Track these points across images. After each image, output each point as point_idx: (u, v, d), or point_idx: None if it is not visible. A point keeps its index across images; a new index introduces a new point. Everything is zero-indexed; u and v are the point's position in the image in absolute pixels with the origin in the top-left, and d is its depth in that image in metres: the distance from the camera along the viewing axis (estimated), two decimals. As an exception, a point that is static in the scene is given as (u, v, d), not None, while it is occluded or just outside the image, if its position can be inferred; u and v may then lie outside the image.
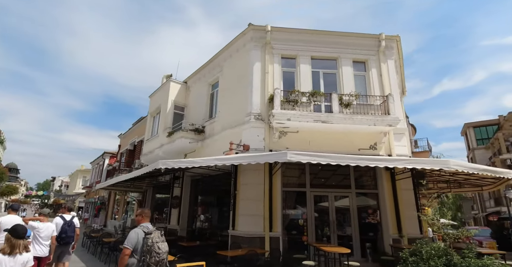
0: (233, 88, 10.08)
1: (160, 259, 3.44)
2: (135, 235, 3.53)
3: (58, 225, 6.30)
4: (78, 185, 48.46)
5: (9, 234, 3.15)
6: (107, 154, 30.48)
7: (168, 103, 12.93)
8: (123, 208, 21.35)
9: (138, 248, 3.50)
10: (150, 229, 3.63)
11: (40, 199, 67.10)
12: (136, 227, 3.69)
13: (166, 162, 7.23)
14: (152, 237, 3.50)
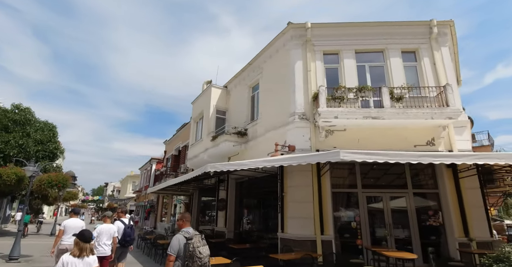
0: (275, 89, 9.96)
1: (202, 263, 3.50)
2: (177, 242, 3.61)
3: (120, 229, 6.65)
4: (128, 189, 51.38)
5: (77, 238, 3.45)
6: (154, 160, 32.06)
7: (210, 108, 13.19)
8: (171, 211, 22.24)
9: (181, 253, 3.58)
10: (191, 234, 3.68)
11: (95, 204, 72.66)
12: (178, 233, 3.78)
13: (214, 165, 7.31)
14: (193, 242, 3.56)
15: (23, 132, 16.79)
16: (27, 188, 9.93)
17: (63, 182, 10.17)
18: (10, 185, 9.49)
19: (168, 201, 24.50)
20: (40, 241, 15.46)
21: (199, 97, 14.91)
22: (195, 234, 3.69)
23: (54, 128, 18.77)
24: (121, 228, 6.68)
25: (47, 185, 9.85)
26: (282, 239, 8.19)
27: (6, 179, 9.33)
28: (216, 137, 11.83)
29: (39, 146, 16.85)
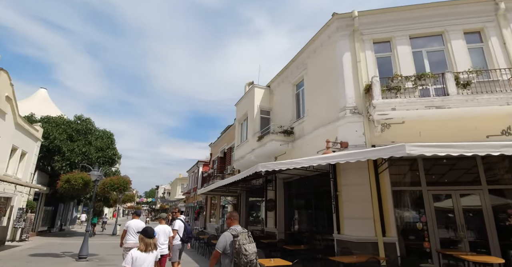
0: (321, 84, 9.57)
1: (248, 260, 3.57)
2: (224, 239, 3.76)
3: (181, 227, 7.07)
4: (178, 191, 53.68)
5: (142, 235, 3.76)
6: (200, 163, 33.12)
7: (255, 109, 13.16)
8: (219, 212, 22.72)
9: (228, 250, 3.70)
10: (238, 231, 3.79)
11: (148, 205, 77.36)
12: (226, 230, 3.93)
13: (265, 165, 7.18)
14: (239, 239, 3.67)
15: (85, 141, 18.35)
16: (92, 191, 10.76)
17: (124, 185, 10.85)
18: (78, 189, 10.38)
19: (215, 202, 25.07)
20: (104, 240, 16.77)
21: (243, 98, 14.98)
22: (242, 232, 3.79)
23: (112, 136, 20.26)
24: (182, 226, 7.09)
25: (110, 188, 10.59)
26: (338, 240, 7.78)
27: (74, 184, 10.23)
28: (262, 137, 11.74)
29: (99, 152, 18.29)
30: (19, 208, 13.83)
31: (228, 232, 3.85)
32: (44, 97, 25.74)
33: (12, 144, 12.81)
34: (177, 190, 54.13)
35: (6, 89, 11.69)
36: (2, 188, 12.17)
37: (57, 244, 14.48)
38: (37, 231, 18.26)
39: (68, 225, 25.97)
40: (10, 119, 12.37)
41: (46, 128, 17.47)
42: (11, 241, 13.75)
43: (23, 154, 14.40)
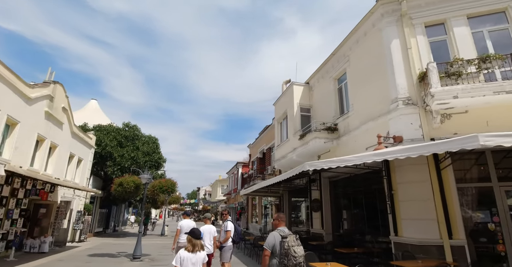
0: (367, 76, 9.00)
1: (297, 262, 3.57)
2: (273, 238, 3.82)
3: (232, 228, 7.19)
4: (218, 193, 54.72)
5: (189, 236, 3.83)
6: (239, 164, 33.43)
7: (294, 107, 12.85)
8: (261, 212, 22.65)
9: (277, 250, 3.74)
10: (286, 233, 3.83)
11: (190, 206, 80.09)
12: (274, 231, 3.97)
13: (313, 164, 6.85)
14: (287, 240, 3.67)
15: (133, 146, 19.36)
16: (143, 193, 11.22)
17: (172, 187, 11.20)
18: (130, 191, 10.90)
19: (256, 203, 25.06)
20: (154, 240, 17.50)
21: (281, 97, 14.73)
22: (289, 234, 3.80)
23: (157, 141, 21.17)
24: (233, 227, 7.22)
25: (159, 190, 10.96)
26: (396, 243, 7.18)
27: (127, 187, 10.76)
28: (304, 135, 11.38)
29: (146, 157, 19.19)
30: (78, 211, 14.92)
31: (276, 232, 3.88)
32: (95, 107, 27.66)
33: (69, 152, 13.86)
34: (218, 191, 55.21)
35: (62, 101, 12.65)
36: (62, 193, 13.19)
37: (112, 244, 15.38)
38: (94, 232, 19.60)
39: (120, 226, 27.61)
40: (67, 128, 13.39)
41: (98, 136, 18.72)
42: (71, 242, 14.86)
43: (80, 161, 15.53)
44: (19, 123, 9.52)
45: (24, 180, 9.81)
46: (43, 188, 11.05)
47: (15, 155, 9.49)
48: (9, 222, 9.18)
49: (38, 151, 11.20)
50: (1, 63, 8.45)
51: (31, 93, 10.03)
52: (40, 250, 10.69)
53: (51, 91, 11.40)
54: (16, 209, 9.55)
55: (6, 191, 8.91)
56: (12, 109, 9.09)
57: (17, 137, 9.51)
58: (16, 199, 9.47)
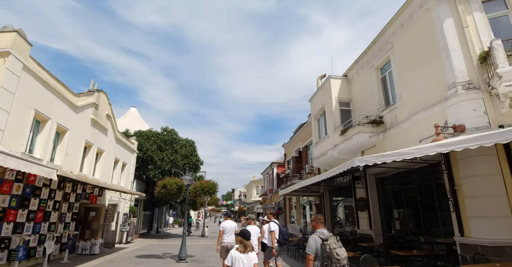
0: (416, 62, 8.26)
1: (341, 265, 3.50)
2: (314, 242, 3.75)
3: (277, 228, 7.19)
4: (253, 193, 54.75)
5: (240, 237, 3.88)
6: (274, 164, 33.13)
7: (333, 101, 12.29)
8: (300, 212, 22.11)
9: (319, 254, 3.68)
10: (326, 235, 3.76)
11: (226, 208, 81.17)
12: (313, 233, 3.90)
13: (364, 159, 6.33)
14: (328, 243, 3.62)
15: (172, 150, 19.86)
16: (184, 195, 11.35)
17: (213, 188, 11.19)
18: (173, 193, 11.06)
19: (293, 203, 24.54)
20: (197, 241, 17.75)
21: (317, 92, 14.20)
22: (330, 236, 3.73)
23: (193, 144, 21.57)
24: (277, 228, 7.20)
25: (201, 191, 11.00)
26: (463, 245, 6.43)
27: (170, 189, 10.94)
28: (345, 130, 10.79)
29: (185, 160, 19.60)
30: (124, 214, 15.51)
31: (316, 235, 3.82)
32: (135, 114, 28.97)
33: (114, 157, 14.47)
34: (253, 192, 55.27)
35: (106, 108, 13.21)
36: (109, 196, 13.76)
37: (157, 245, 15.78)
38: (139, 234, 20.35)
39: (162, 227, 28.52)
40: (111, 134, 13.97)
41: (139, 141, 19.44)
42: (119, 243, 15.46)
43: (124, 165, 16.18)
44: (68, 131, 10.02)
45: (74, 185, 10.31)
46: (92, 192, 11.58)
47: (66, 161, 9.99)
48: (62, 225, 9.67)
49: (86, 157, 11.76)
50: (50, 74, 8.92)
51: (77, 102, 10.53)
52: (91, 252, 11.17)
53: (95, 99, 11.92)
54: (68, 213, 10.06)
55: (59, 196, 9.40)
56: (61, 117, 9.58)
57: (67, 144, 10.02)
58: (68, 203, 9.98)
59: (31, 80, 8.02)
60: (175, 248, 14.15)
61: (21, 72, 7.52)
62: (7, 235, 6.99)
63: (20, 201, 7.49)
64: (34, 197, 8.02)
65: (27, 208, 7.74)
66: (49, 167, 5.94)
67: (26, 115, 7.86)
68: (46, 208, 8.65)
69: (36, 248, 8.14)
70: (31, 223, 7.91)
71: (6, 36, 7.22)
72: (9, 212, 7.04)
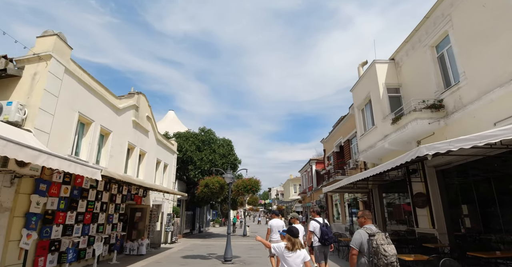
0: (483, 33, 7.07)
1: (388, 261, 3.40)
2: (359, 236, 3.70)
3: (316, 228, 6.87)
4: (291, 192, 54.02)
5: (288, 235, 3.75)
6: (312, 161, 32.06)
7: (380, 88, 11.23)
8: (344, 210, 20.97)
9: (365, 249, 3.60)
10: (374, 231, 3.67)
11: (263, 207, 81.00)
12: (360, 229, 3.83)
13: (432, 146, 5.41)
14: (376, 239, 3.53)
15: (210, 149, 19.84)
16: (227, 193, 11.01)
17: (256, 185, 10.74)
18: (215, 192, 10.78)
19: (336, 200, 23.38)
20: (239, 241, 17.46)
21: (360, 80, 13.16)
22: (377, 232, 3.63)
23: (231, 143, 21.41)
24: (317, 227, 6.86)
25: (243, 189, 10.59)
26: None
27: (212, 187, 10.67)
28: (398, 118, 9.72)
29: (223, 159, 19.48)
30: (168, 214, 15.65)
31: (362, 230, 3.76)
32: (173, 117, 29.67)
33: (156, 158, 14.61)
34: (290, 190, 54.54)
35: (146, 110, 13.34)
36: (153, 197, 13.90)
37: (200, 245, 15.71)
38: (183, 233, 20.58)
39: (204, 227, 28.82)
40: (152, 136, 14.11)
41: (178, 142, 19.66)
42: (164, 243, 15.62)
43: (165, 166, 16.35)
44: (111, 133, 10.12)
45: (120, 186, 10.41)
46: (137, 193, 11.68)
47: (111, 163, 10.10)
48: (110, 226, 9.76)
49: (130, 158, 11.90)
50: (91, 77, 9.02)
51: (119, 104, 10.63)
52: (138, 252, 11.25)
53: (136, 101, 12.02)
54: (115, 214, 10.16)
55: (105, 197, 9.49)
56: (104, 119, 9.69)
57: (111, 146, 10.13)
58: (114, 204, 10.07)
59: (74, 83, 8.10)
60: (219, 248, 13.93)
61: (63, 75, 7.60)
62: (57, 237, 7.05)
63: (69, 203, 7.56)
64: (81, 199, 8.10)
65: (75, 210, 7.81)
66: (93, 167, 5.82)
67: (71, 118, 7.95)
68: (94, 209, 8.73)
69: (85, 249, 8.22)
70: (80, 225, 7.98)
71: (47, 40, 7.31)
72: (58, 214, 7.10)
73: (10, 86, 7.03)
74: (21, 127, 6.46)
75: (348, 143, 18.89)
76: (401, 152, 10.45)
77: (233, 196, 11.03)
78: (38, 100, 6.78)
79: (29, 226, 6.10)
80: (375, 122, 11.66)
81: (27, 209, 6.18)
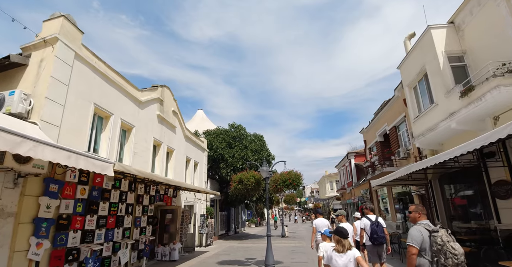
0: None
1: (459, 261, 2.97)
2: (418, 233, 3.23)
3: (367, 225, 6.51)
4: (327, 189, 51.95)
5: (337, 236, 3.58)
6: (351, 154, 29.86)
7: (439, 58, 9.35)
8: (393, 206, 18.84)
9: (426, 247, 3.19)
10: (434, 227, 3.26)
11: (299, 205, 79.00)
12: (415, 225, 3.40)
13: None
14: (440, 235, 3.10)
15: (241, 146, 18.70)
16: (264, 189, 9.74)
17: (297, 179, 9.31)
18: (251, 188, 9.52)
19: (383, 195, 21.20)
20: (278, 243, 16.07)
21: (411, 53, 11.25)
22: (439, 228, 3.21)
23: (263, 138, 20.13)
24: (367, 225, 6.49)
25: (282, 184, 9.21)
26: None
27: (247, 183, 9.42)
28: (470, 90, 7.84)
29: (255, 155, 18.26)
30: (201, 215, 14.69)
31: (420, 226, 3.30)
32: (202, 116, 29.07)
33: (185, 156, 13.69)
34: (326, 187, 52.47)
35: (171, 104, 12.43)
36: (185, 197, 12.97)
37: (237, 248, 14.56)
38: (218, 235, 19.64)
39: (240, 228, 27.82)
40: (179, 132, 13.20)
41: (208, 140, 18.75)
42: (199, 246, 14.66)
43: (196, 165, 15.42)
44: (133, 128, 9.24)
45: (147, 186, 9.48)
46: (166, 193, 10.74)
47: (135, 161, 9.23)
48: (138, 230, 8.79)
49: (157, 156, 11.02)
50: (108, 66, 8.17)
51: (141, 97, 9.75)
52: (171, 257, 10.29)
53: (160, 94, 11.13)
54: (143, 216, 9.20)
55: (130, 198, 8.52)
56: (125, 113, 8.81)
57: (134, 142, 9.25)
58: (141, 206, 9.12)
59: (87, 71, 7.23)
60: (257, 252, 12.66)
61: (74, 61, 6.72)
62: (75, 245, 6.08)
63: (87, 206, 6.60)
64: (103, 200, 7.14)
65: (96, 214, 6.85)
66: (102, 161, 4.76)
67: (85, 110, 7.07)
68: (118, 212, 7.78)
69: (110, 257, 7.25)
70: (102, 230, 7.03)
71: (53, 23, 6.47)
72: (75, 219, 6.14)
73: (16, 77, 6.26)
74: (26, 119, 5.62)
75: (395, 130, 16.76)
76: (471, 133, 8.56)
77: (271, 193, 9.66)
78: (45, 89, 5.92)
79: (39, 234, 5.21)
80: (435, 99, 9.78)
81: (35, 213, 5.29)
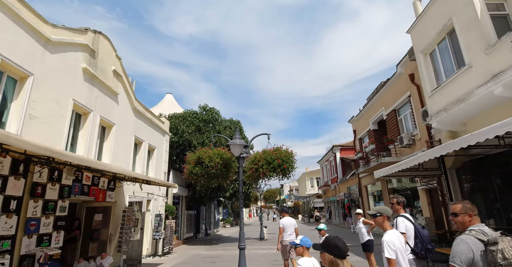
0: None
1: None
2: (466, 248, 2.03)
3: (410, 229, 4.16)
4: (307, 186, 50.20)
5: (328, 253, 2.31)
6: (336, 148, 27.56)
7: (476, 5, 6.91)
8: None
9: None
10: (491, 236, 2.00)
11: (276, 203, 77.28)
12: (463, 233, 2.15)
13: None
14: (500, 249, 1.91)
15: (214, 131, 15.64)
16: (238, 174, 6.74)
17: (288, 160, 6.35)
18: (216, 172, 6.48)
19: (376, 191, 18.92)
20: (256, 248, 13.13)
21: (429, 8, 8.69)
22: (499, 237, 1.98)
23: (239, 124, 17.17)
24: (410, 228, 3.93)
25: (267, 166, 6.21)
26: None
27: (209, 164, 6.37)
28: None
29: (230, 142, 15.22)
30: (156, 215, 11.45)
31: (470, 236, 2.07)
32: (171, 101, 25.77)
33: (134, 136, 10.38)
34: (307, 185, 50.61)
35: (112, 62, 9.05)
36: (131, 191, 9.71)
37: (203, 257, 11.44)
38: (183, 239, 16.42)
39: (212, 229, 24.66)
40: (125, 103, 9.85)
41: (172, 123, 15.51)
42: (152, 256, 11.43)
43: (151, 150, 12.12)
44: (30, 76, 5.88)
45: (54, 171, 6.20)
46: (95, 184, 7.44)
47: (32, 128, 5.95)
48: (33, 239, 5.49)
49: (81, 129, 7.67)
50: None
51: (51, 34, 6.41)
52: (98, 277, 7.03)
53: (90, 42, 7.77)
54: (46, 218, 5.78)
55: (16, 187, 5.20)
56: (11, 48, 5.51)
57: (31, 101, 5.93)
58: (42, 201, 5.80)
59: None
60: (228, 264, 9.68)
61: None
62: None
63: None
64: None
65: None
66: None
67: None
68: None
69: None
70: None
71: None
72: None
73: None
74: None
75: (394, 115, 14.37)
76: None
77: (249, 180, 6.67)
78: None
79: None
80: (468, 60, 7.28)
81: None
